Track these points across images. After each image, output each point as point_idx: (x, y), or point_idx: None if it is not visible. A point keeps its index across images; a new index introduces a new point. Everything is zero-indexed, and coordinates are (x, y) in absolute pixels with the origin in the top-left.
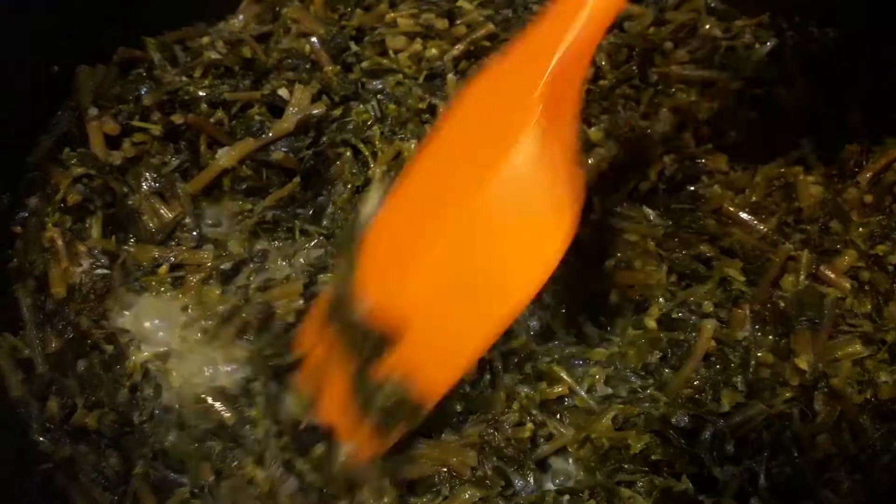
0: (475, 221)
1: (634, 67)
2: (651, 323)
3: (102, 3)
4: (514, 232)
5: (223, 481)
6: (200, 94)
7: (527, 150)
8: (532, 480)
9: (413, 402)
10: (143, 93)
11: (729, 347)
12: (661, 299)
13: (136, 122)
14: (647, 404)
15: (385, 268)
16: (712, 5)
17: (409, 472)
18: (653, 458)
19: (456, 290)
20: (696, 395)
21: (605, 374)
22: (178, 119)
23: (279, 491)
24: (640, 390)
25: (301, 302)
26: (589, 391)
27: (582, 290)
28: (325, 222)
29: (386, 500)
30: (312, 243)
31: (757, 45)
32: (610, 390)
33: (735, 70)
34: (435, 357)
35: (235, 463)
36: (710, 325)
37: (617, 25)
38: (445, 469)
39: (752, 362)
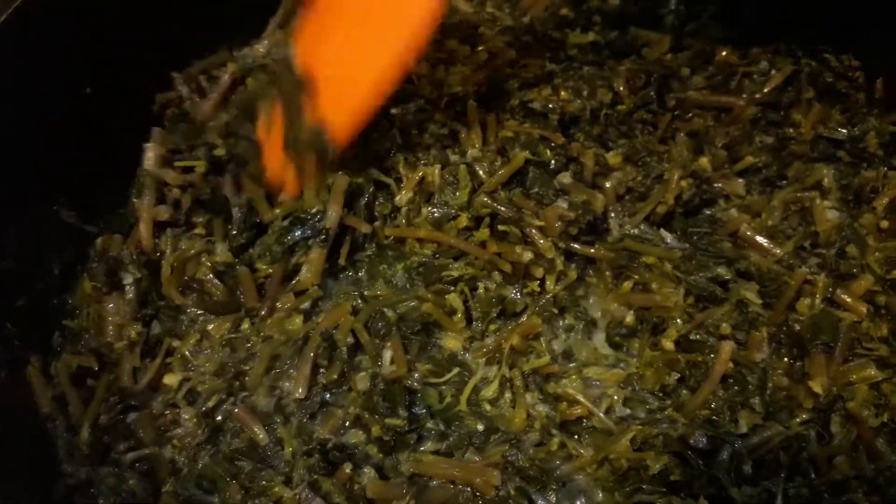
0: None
1: (652, 93)
2: (669, 344)
3: (136, 33)
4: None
5: (250, 500)
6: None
7: None
8: (554, 501)
9: (325, 140)
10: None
11: (746, 369)
12: (678, 321)
13: (179, 163)
14: (665, 425)
15: (308, 41)
16: (729, 32)
17: (434, 492)
18: (671, 478)
19: (349, 50)
20: (714, 417)
21: (624, 396)
22: (219, 152)
23: None
24: (658, 411)
25: None
26: (607, 412)
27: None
28: None
29: None
30: None
31: (773, 72)
32: (628, 411)
33: (751, 96)
34: (340, 106)
35: (264, 483)
36: (728, 347)
37: (635, 51)
38: (469, 489)
39: (770, 384)
